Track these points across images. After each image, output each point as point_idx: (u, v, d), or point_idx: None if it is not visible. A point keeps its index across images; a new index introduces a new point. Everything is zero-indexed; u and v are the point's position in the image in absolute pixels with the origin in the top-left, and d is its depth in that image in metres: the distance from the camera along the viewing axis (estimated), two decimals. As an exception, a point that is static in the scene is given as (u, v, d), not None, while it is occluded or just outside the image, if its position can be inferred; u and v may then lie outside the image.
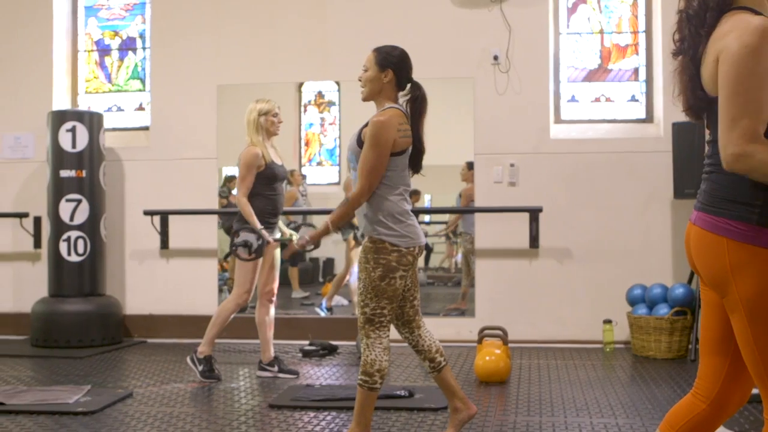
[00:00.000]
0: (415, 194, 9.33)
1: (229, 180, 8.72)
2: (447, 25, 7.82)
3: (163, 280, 8.17)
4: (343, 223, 4.00)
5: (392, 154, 3.87)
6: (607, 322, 7.19)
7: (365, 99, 4.04)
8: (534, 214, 7.53)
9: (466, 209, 8.16)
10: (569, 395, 5.39)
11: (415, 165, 4.07)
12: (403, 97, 4.04)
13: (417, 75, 4.09)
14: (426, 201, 9.39)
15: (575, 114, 7.93)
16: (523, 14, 7.71)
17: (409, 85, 4.04)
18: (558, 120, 7.89)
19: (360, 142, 3.90)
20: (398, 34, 7.54)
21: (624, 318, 7.21)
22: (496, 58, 7.72)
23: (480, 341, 6.01)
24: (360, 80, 4.03)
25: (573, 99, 7.96)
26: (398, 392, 5.23)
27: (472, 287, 7.91)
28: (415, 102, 4.01)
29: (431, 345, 4.10)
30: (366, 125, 3.91)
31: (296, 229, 6.46)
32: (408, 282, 3.99)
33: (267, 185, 5.89)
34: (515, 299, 7.65)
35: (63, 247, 7.71)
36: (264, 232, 5.78)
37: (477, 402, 5.14)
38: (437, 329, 7.39)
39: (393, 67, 3.99)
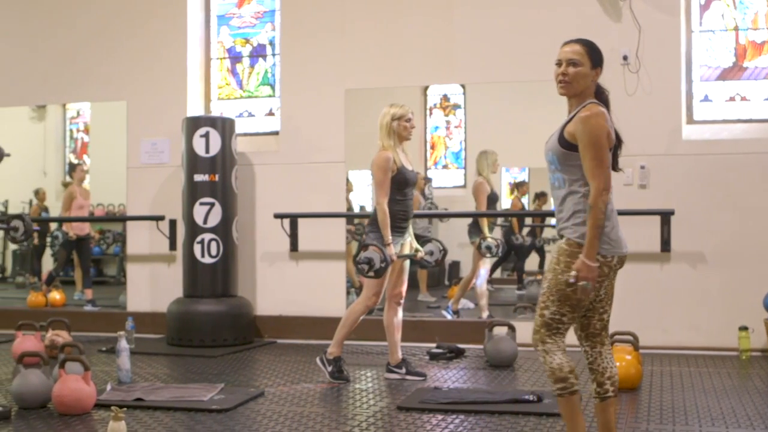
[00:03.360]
0: (542, 196, 9.25)
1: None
2: (574, 25, 7.69)
3: (293, 282, 8.32)
4: (598, 245, 3.51)
5: None
6: (743, 328, 6.96)
7: (569, 95, 3.71)
8: (665, 217, 7.35)
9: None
10: (703, 404, 5.24)
11: (614, 160, 3.75)
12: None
13: (543, 77, 4.03)
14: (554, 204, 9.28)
15: (709, 114, 7.71)
16: (653, 13, 7.54)
17: None
18: (690, 120, 7.69)
19: (564, 142, 3.62)
20: (524, 36, 7.52)
21: (761, 324, 6.96)
22: (625, 58, 7.57)
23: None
24: (565, 75, 3.67)
25: (706, 98, 7.73)
26: (527, 396, 5.19)
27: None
28: (603, 104, 3.73)
29: (606, 368, 3.73)
30: (568, 122, 3.64)
31: (426, 242, 6.43)
32: (601, 293, 3.69)
33: (398, 190, 5.92)
34: (646, 304, 7.47)
35: (197, 249, 7.94)
36: (390, 250, 5.78)
37: (607, 408, 5.04)
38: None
39: (601, 67, 3.77)
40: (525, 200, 9.46)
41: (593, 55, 3.74)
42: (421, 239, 6.37)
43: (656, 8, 7.54)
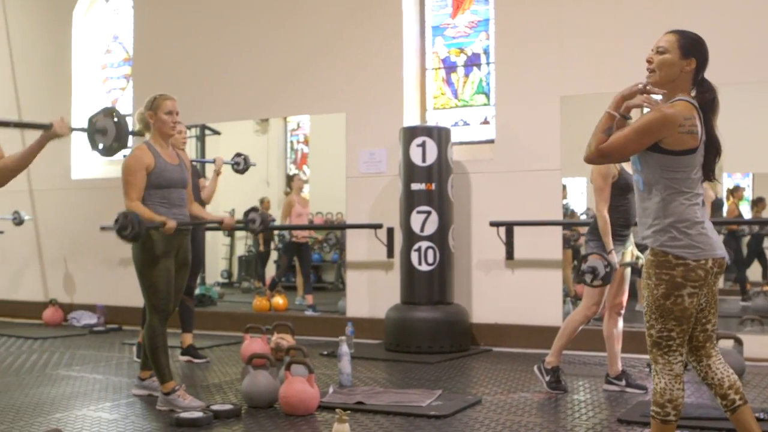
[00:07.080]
0: (761, 202, 8.84)
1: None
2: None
3: (509, 290, 8.30)
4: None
5: (678, 153, 3.41)
6: None
7: (653, 83, 3.54)
8: None
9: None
10: None
11: (707, 169, 3.55)
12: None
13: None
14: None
15: None
16: None
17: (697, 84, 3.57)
18: None
19: None
20: (746, 36, 7.17)
21: None
22: None
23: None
24: (650, 62, 3.55)
25: None
26: (756, 414, 4.93)
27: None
28: (706, 105, 3.54)
29: (723, 379, 3.59)
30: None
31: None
32: (702, 301, 3.54)
33: (619, 195, 5.76)
34: None
35: (414, 256, 8.06)
36: (612, 257, 5.65)
37: None
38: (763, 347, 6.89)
39: (698, 57, 3.56)
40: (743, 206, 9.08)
41: (684, 43, 3.56)
42: (639, 247, 6.20)
43: None
